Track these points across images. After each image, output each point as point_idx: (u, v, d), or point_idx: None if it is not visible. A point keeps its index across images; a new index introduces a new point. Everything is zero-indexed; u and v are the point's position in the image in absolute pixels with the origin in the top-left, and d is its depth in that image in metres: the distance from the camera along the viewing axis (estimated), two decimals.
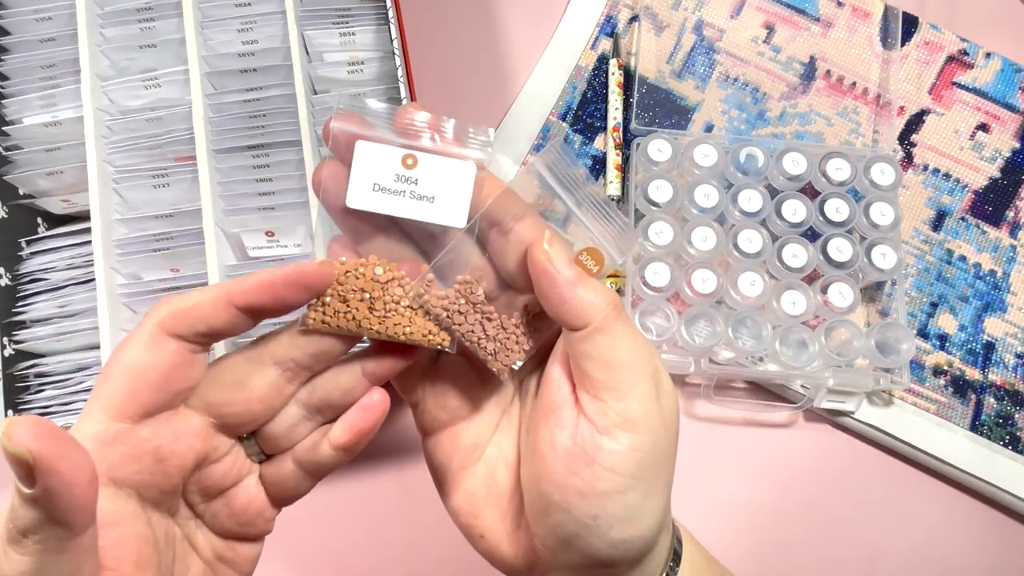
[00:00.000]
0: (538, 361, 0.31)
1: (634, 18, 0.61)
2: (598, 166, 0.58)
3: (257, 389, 0.28)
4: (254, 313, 0.27)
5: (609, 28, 0.61)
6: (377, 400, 0.29)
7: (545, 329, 0.30)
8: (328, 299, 0.27)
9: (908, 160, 0.59)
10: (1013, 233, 0.57)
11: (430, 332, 0.28)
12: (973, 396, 0.54)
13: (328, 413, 0.30)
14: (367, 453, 0.54)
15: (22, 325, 0.48)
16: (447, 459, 0.32)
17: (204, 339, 0.27)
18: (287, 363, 0.28)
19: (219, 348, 0.44)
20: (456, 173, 0.26)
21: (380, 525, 0.53)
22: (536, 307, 0.29)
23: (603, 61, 0.60)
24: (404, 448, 0.54)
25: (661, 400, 0.28)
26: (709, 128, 0.59)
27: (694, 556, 0.32)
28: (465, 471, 0.32)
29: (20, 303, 0.48)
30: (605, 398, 0.27)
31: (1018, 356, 0.55)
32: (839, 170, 0.54)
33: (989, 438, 0.54)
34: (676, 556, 0.31)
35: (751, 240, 0.53)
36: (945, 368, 0.55)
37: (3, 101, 0.50)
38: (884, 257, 0.53)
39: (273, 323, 0.28)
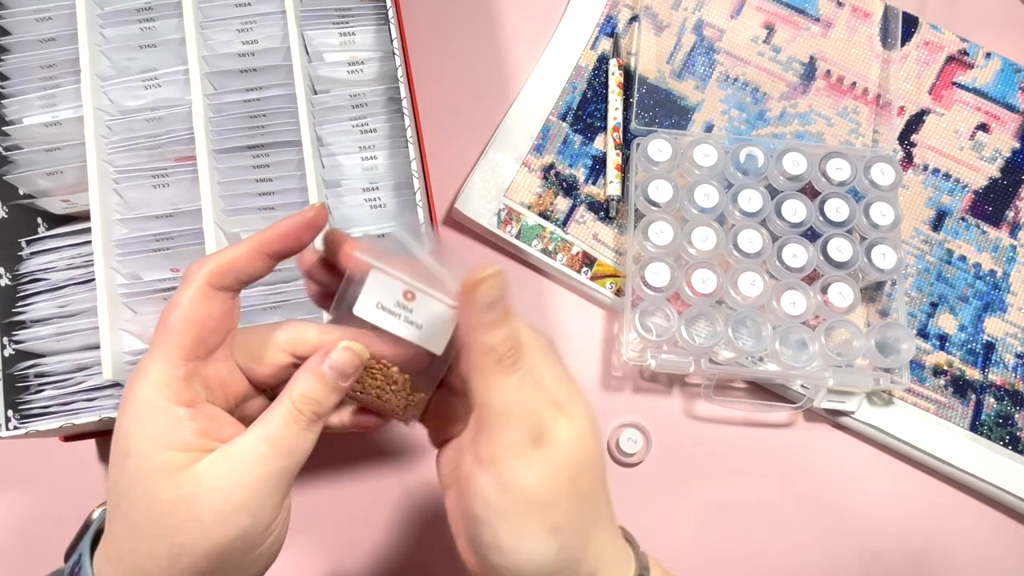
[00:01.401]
0: None
1: (634, 18, 0.61)
2: (598, 166, 0.58)
3: (270, 367, 0.34)
4: (280, 258, 0.33)
5: (609, 28, 0.61)
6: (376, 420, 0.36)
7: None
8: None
9: (908, 160, 0.59)
10: (1013, 233, 0.57)
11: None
12: (973, 396, 0.54)
13: None
14: (369, 455, 0.54)
15: (22, 325, 0.48)
16: (443, 466, 0.35)
17: (242, 285, 0.33)
18: (299, 355, 0.34)
19: None
20: (443, 313, 0.32)
21: (384, 524, 0.53)
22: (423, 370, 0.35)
23: (603, 61, 0.60)
24: (405, 451, 0.54)
25: (545, 449, 0.30)
26: (709, 128, 0.59)
27: None
28: (454, 477, 0.35)
29: (20, 303, 0.48)
30: (480, 436, 0.30)
31: (1018, 356, 0.55)
32: (839, 170, 0.54)
33: (989, 438, 0.54)
34: None
35: (751, 240, 0.53)
36: (945, 368, 0.55)
37: (3, 101, 0.50)
38: (884, 257, 0.53)
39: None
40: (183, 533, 0.29)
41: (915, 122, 0.59)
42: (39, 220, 0.52)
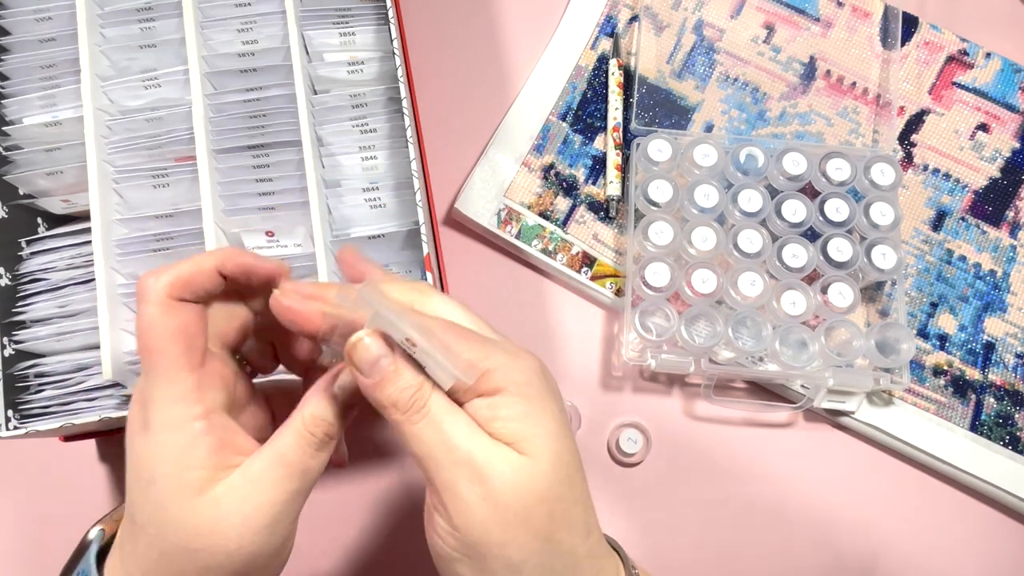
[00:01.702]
0: None
1: (634, 18, 0.61)
2: (598, 166, 0.58)
3: (240, 319, 0.35)
4: (230, 282, 0.33)
5: (609, 28, 0.61)
6: None
7: None
8: None
9: (908, 160, 0.59)
10: (1013, 233, 0.57)
11: None
12: (973, 396, 0.54)
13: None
14: (370, 455, 0.54)
15: (22, 325, 0.48)
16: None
17: (200, 299, 0.33)
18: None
19: None
20: (442, 370, 0.31)
21: (386, 525, 0.53)
22: None
23: (603, 61, 0.60)
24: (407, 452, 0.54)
25: (483, 487, 0.29)
26: (709, 128, 0.59)
27: None
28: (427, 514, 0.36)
29: (20, 303, 0.48)
30: (428, 482, 0.31)
31: (1018, 356, 0.55)
32: (839, 170, 0.54)
33: (989, 438, 0.54)
34: None
35: (751, 240, 0.53)
36: (945, 368, 0.55)
37: (3, 101, 0.49)
38: (884, 257, 0.53)
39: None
40: (208, 556, 0.30)
41: (915, 122, 0.59)
42: (39, 220, 0.52)
